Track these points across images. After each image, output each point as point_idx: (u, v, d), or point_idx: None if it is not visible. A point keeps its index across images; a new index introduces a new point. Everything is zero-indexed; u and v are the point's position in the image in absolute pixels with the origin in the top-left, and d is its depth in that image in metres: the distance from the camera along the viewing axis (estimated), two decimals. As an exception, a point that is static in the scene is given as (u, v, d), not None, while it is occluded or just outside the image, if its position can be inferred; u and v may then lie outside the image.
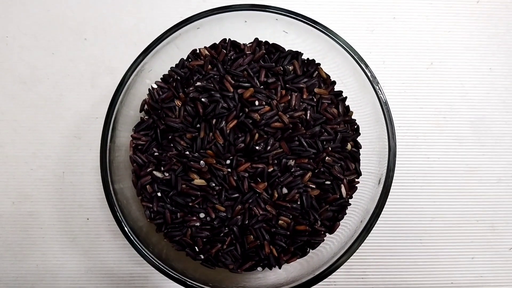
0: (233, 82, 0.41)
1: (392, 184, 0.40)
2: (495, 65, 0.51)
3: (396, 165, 0.43)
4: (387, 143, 0.40)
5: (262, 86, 0.41)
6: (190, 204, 0.40)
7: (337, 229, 0.42)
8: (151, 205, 0.40)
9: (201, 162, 0.39)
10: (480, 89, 0.51)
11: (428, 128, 0.50)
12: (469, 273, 0.49)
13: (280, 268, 0.41)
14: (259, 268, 0.41)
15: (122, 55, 0.50)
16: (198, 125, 0.40)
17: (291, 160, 0.40)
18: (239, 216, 0.40)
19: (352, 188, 0.42)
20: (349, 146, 0.42)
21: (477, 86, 0.51)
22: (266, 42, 0.43)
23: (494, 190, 0.50)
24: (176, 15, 0.50)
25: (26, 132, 0.49)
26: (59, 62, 0.50)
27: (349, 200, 0.42)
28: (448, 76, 0.51)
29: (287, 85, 0.41)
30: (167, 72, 0.43)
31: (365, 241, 0.48)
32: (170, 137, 0.40)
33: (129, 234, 0.38)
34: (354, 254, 0.47)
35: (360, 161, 0.43)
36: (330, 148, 0.41)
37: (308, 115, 0.41)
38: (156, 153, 0.41)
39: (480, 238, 0.49)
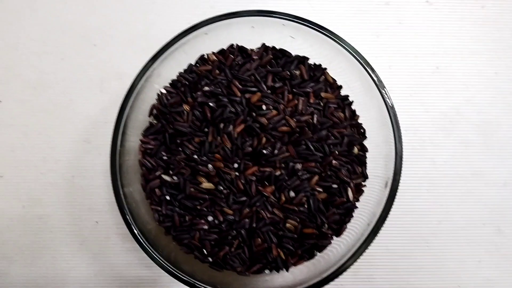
0: (240, 86, 0.41)
1: (399, 187, 0.41)
2: (500, 69, 0.51)
3: (402, 169, 0.43)
4: (393, 147, 0.40)
5: (269, 91, 0.42)
6: (198, 207, 0.40)
7: (344, 232, 0.42)
8: (160, 208, 0.41)
9: (209, 166, 0.40)
10: (486, 93, 0.51)
11: (435, 131, 0.51)
12: (476, 276, 0.49)
13: (287, 271, 0.42)
14: (266, 271, 0.42)
15: (130, 61, 0.51)
16: (206, 129, 0.41)
17: (298, 164, 0.40)
18: (247, 219, 0.40)
19: (359, 191, 0.43)
20: (355, 150, 0.42)
21: (483, 90, 0.51)
22: (273, 47, 0.44)
23: (500, 193, 0.50)
24: (184, 21, 0.51)
25: (36, 136, 0.50)
26: (69, 68, 0.51)
27: (356, 203, 0.42)
28: (454, 80, 0.51)
29: (294, 90, 0.42)
30: (175, 77, 0.43)
31: (372, 244, 0.48)
32: (178, 141, 0.41)
33: (138, 237, 0.39)
34: (361, 257, 0.47)
35: (367, 165, 0.43)
36: (337, 152, 0.41)
37: (315, 119, 0.41)
38: (164, 157, 0.41)
39: (487, 241, 0.49)
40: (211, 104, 0.41)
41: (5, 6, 0.52)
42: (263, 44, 0.44)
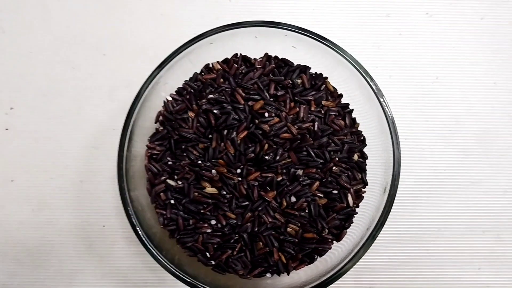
0: (244, 94, 0.42)
1: (400, 195, 0.41)
2: (499, 80, 0.52)
3: (403, 177, 0.44)
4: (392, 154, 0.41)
5: (271, 99, 0.43)
6: (202, 211, 0.41)
7: (344, 237, 0.43)
8: (164, 212, 0.42)
9: (213, 171, 0.41)
10: (485, 103, 0.52)
11: (434, 140, 0.51)
12: (475, 283, 0.49)
13: (288, 274, 0.42)
14: (268, 275, 0.42)
15: (138, 70, 0.52)
16: (210, 136, 0.42)
17: (299, 170, 0.41)
18: (249, 224, 0.41)
19: (358, 197, 0.43)
20: (355, 157, 0.43)
21: (482, 100, 0.52)
22: (276, 56, 0.45)
23: (500, 201, 0.50)
24: (190, 32, 0.52)
25: (47, 142, 0.51)
26: (79, 76, 0.52)
27: (356, 209, 0.43)
28: (454, 90, 0.52)
29: (295, 98, 0.43)
30: (181, 85, 0.45)
31: (373, 251, 0.49)
32: (183, 147, 0.42)
33: (144, 240, 0.40)
34: (362, 263, 0.48)
35: (367, 171, 0.44)
36: (337, 158, 0.42)
37: (316, 126, 0.42)
38: (170, 162, 0.42)
39: (486, 248, 0.50)
40: (215, 111, 0.42)
41: (19, 16, 0.54)
42: (266, 54, 0.45)
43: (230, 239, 0.41)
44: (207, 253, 0.42)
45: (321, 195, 0.42)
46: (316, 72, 0.45)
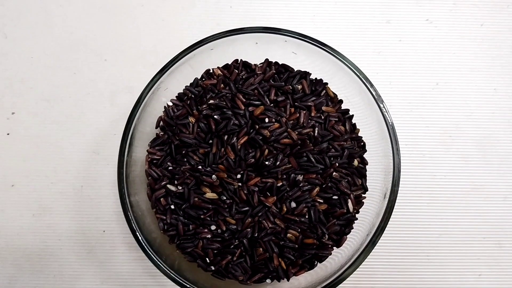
0: (244, 100, 0.42)
1: (400, 201, 0.41)
2: (499, 86, 0.52)
3: (403, 183, 0.44)
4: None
5: (272, 104, 0.43)
6: (202, 216, 0.41)
7: (344, 243, 0.43)
8: (164, 217, 0.42)
9: (213, 176, 0.41)
10: (485, 109, 0.52)
11: (435, 146, 0.51)
12: (476, 290, 0.49)
13: (288, 280, 0.42)
14: (268, 280, 0.42)
15: (140, 75, 0.52)
16: (211, 141, 0.42)
17: (299, 175, 0.41)
18: (249, 229, 0.41)
19: (359, 203, 0.43)
20: (356, 162, 0.43)
21: (482, 106, 0.52)
22: (276, 62, 0.45)
23: (500, 207, 0.50)
24: (191, 38, 0.53)
25: (48, 147, 0.51)
26: (81, 82, 0.53)
27: (356, 215, 0.43)
28: (454, 96, 0.52)
29: (296, 103, 0.43)
30: (182, 91, 0.45)
31: (373, 257, 0.49)
32: (183, 152, 0.42)
33: (144, 245, 0.40)
34: (362, 269, 0.47)
35: (367, 177, 0.44)
36: (337, 164, 0.42)
37: (316, 132, 0.42)
38: (170, 167, 0.42)
39: (487, 255, 0.50)
40: (215, 116, 0.42)
41: (21, 22, 0.54)
42: (267, 60, 0.45)
43: (230, 244, 0.41)
44: (207, 259, 0.42)
45: (321, 201, 0.42)
46: (316, 78, 0.45)
